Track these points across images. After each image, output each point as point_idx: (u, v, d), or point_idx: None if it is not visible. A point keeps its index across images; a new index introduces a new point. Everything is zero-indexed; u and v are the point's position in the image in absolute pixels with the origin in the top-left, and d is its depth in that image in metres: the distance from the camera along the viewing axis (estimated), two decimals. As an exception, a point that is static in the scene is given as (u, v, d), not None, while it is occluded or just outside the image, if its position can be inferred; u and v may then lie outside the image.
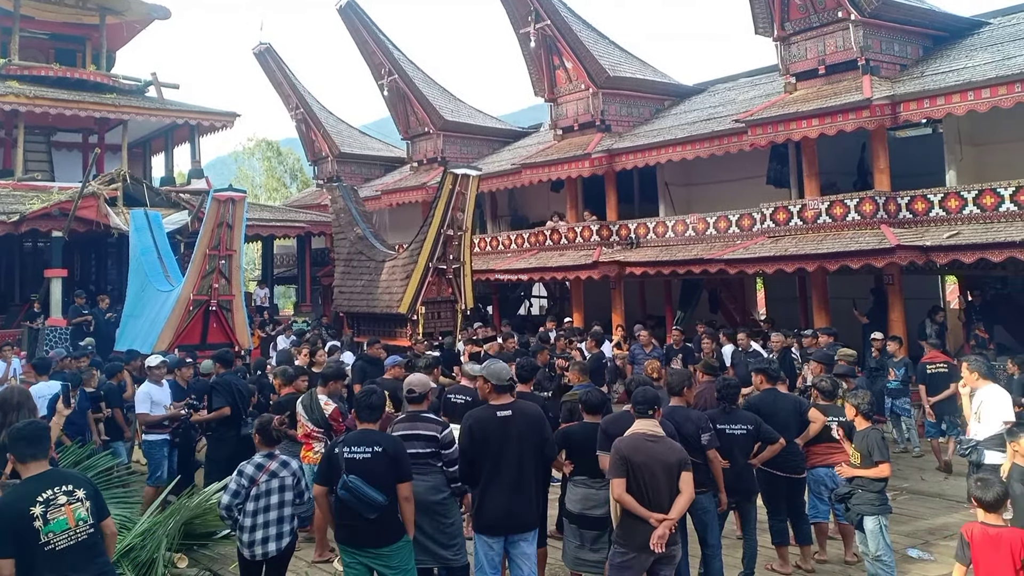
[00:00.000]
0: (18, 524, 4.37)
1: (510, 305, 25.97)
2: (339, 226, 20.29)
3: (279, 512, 6.14)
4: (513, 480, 5.96)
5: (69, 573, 4.46)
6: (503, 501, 5.93)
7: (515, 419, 6.04)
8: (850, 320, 15.79)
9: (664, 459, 5.64)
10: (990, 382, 8.34)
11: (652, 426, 5.84)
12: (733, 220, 16.79)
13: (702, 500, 6.82)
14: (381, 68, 24.90)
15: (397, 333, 16.59)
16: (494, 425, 6.01)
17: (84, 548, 4.56)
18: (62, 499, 4.50)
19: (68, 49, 25.26)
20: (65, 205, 19.18)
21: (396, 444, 5.90)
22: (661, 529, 5.47)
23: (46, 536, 4.40)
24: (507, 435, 5.99)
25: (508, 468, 5.95)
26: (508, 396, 6.19)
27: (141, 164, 26.93)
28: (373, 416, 5.96)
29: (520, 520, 6.02)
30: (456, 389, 8.81)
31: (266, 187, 55.73)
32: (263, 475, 6.15)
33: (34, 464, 4.61)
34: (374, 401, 5.99)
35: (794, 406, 7.85)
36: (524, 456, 6.02)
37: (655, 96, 21.18)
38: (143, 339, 14.21)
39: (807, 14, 15.58)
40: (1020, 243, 12.11)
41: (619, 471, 5.64)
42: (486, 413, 6.12)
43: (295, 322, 22.98)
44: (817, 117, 14.74)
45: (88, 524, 4.59)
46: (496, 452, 5.96)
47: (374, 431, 5.93)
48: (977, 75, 13.40)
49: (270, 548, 6.06)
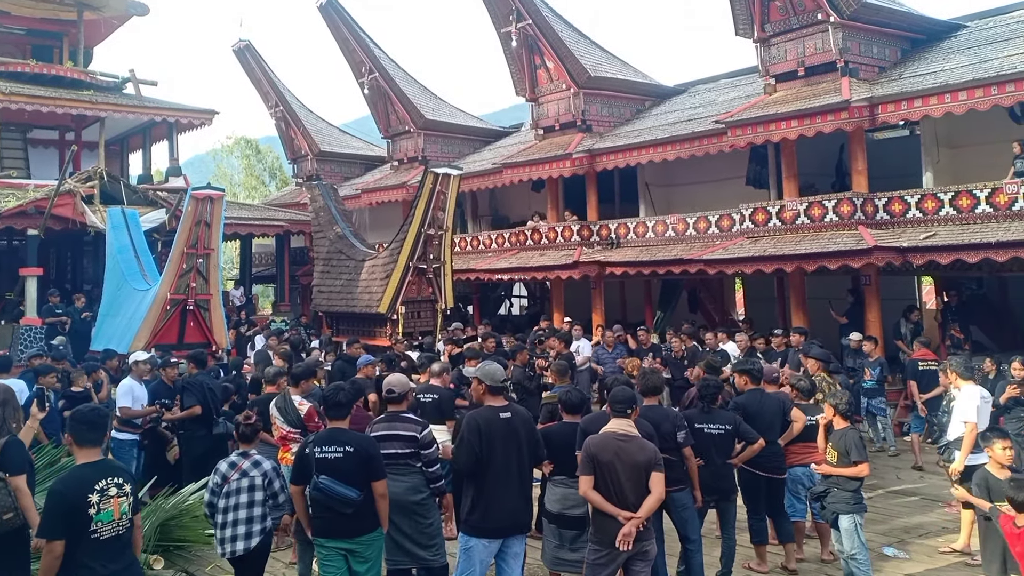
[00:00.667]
0: (76, 508, 4.49)
1: (491, 305, 25.95)
2: (318, 225, 20.19)
3: (248, 512, 6.13)
4: (516, 483, 5.97)
5: (106, 563, 4.58)
6: (508, 504, 5.93)
7: (514, 421, 6.04)
8: (827, 319, 15.90)
9: (633, 458, 5.66)
10: (969, 382, 8.42)
11: (626, 425, 5.85)
12: (713, 220, 16.86)
13: (681, 497, 6.86)
14: (362, 66, 24.81)
15: (377, 333, 16.54)
16: (498, 427, 5.98)
17: (121, 541, 4.70)
18: (113, 491, 4.63)
19: (45, 45, 24.96)
20: (41, 203, 18.96)
21: (368, 444, 5.88)
22: (627, 527, 5.50)
23: (95, 524, 4.52)
24: (509, 438, 5.98)
25: (511, 471, 5.95)
26: (503, 398, 6.17)
27: (118, 162, 26.66)
28: (340, 413, 5.94)
29: (520, 521, 6.06)
30: (424, 388, 8.78)
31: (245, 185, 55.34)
32: (235, 473, 6.18)
33: (91, 450, 4.75)
34: (341, 399, 5.96)
35: (779, 406, 7.89)
36: (523, 459, 6.04)
37: (636, 97, 21.23)
38: (120, 338, 14.08)
39: (787, 16, 15.67)
40: (995, 244, 12.23)
41: (586, 468, 5.70)
42: (490, 414, 6.05)
43: (273, 321, 22.84)
44: (796, 119, 14.83)
45: (128, 519, 4.73)
46: (500, 454, 5.93)
47: (345, 430, 5.91)
48: (954, 78, 13.53)
49: (238, 547, 6.07)
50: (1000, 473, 6.53)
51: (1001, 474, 6.51)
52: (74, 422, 4.84)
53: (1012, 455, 6.65)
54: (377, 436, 6.20)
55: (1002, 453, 6.61)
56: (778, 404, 7.92)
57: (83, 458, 4.73)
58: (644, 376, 7.23)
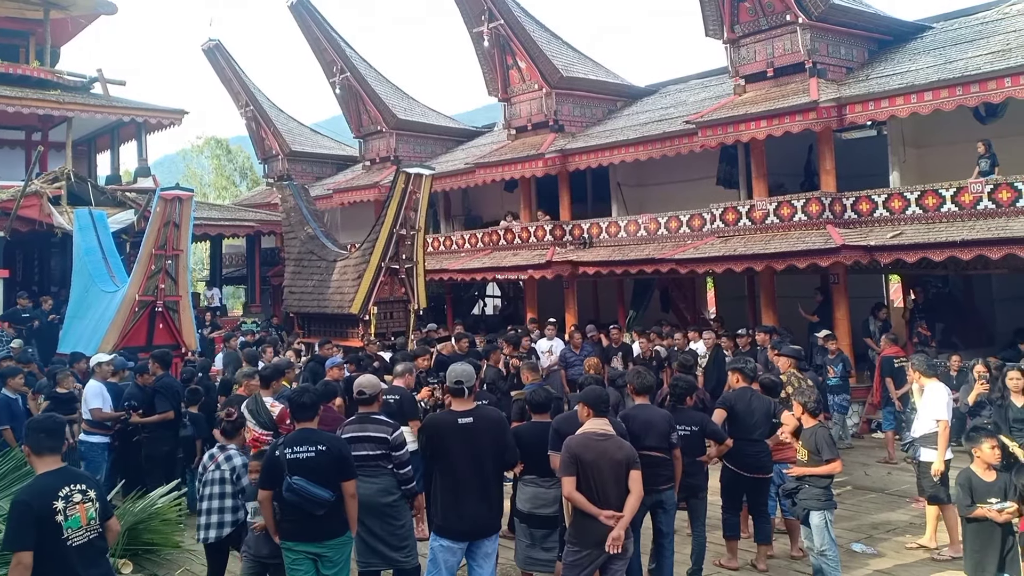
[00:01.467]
0: (42, 518, 4.45)
1: (464, 305, 25.93)
2: (289, 225, 20.08)
3: (220, 502, 6.51)
4: (476, 488, 5.90)
5: (80, 571, 4.55)
6: (468, 510, 5.88)
7: (477, 426, 5.96)
8: (797, 318, 16.05)
9: (613, 457, 5.67)
10: (933, 379, 8.52)
11: (603, 425, 5.87)
12: (684, 220, 16.95)
13: (671, 495, 6.88)
14: (333, 66, 24.70)
15: (349, 333, 16.49)
16: (453, 432, 5.93)
17: (95, 547, 4.70)
18: (77, 497, 4.61)
19: (10, 44, 24.56)
20: (7, 204, 18.71)
21: (339, 443, 5.86)
22: (616, 531, 5.50)
23: (66, 531, 4.51)
24: (468, 443, 5.91)
25: (471, 476, 5.89)
26: (469, 402, 6.11)
27: (86, 162, 26.35)
28: (307, 415, 5.90)
29: (482, 526, 5.99)
30: (387, 389, 8.74)
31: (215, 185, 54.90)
32: (211, 464, 6.60)
33: (50, 458, 4.71)
34: (306, 400, 5.93)
35: (767, 407, 7.87)
36: (486, 463, 5.97)
37: (608, 97, 21.30)
38: (87, 340, 13.90)
39: (756, 17, 15.79)
40: (961, 243, 12.39)
41: (569, 469, 5.67)
42: (446, 419, 6.04)
43: (244, 323, 22.69)
44: (765, 119, 14.94)
45: (97, 524, 4.70)
46: (457, 460, 5.89)
47: (315, 430, 5.88)
48: (920, 78, 13.69)
49: (211, 534, 6.51)
50: (986, 474, 6.29)
51: (987, 475, 6.28)
52: (31, 431, 4.77)
53: (999, 454, 6.37)
54: (348, 438, 6.16)
55: (990, 452, 6.31)
56: (767, 405, 7.91)
57: (43, 467, 4.68)
58: (637, 376, 7.22)
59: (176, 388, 10.14)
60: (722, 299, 21.87)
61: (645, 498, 6.07)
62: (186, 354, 13.89)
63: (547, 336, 15.25)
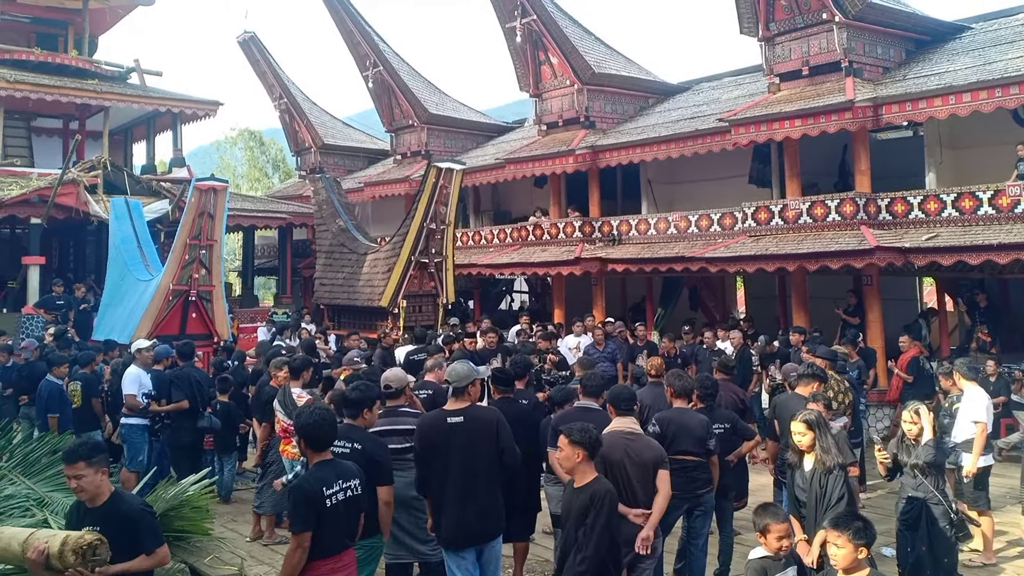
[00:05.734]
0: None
1: (491, 300, 25.97)
2: (321, 218, 20.21)
3: None
4: (463, 491, 5.74)
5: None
6: (455, 513, 5.74)
7: (467, 427, 5.81)
8: (828, 319, 15.91)
9: (641, 457, 5.66)
10: (973, 383, 8.37)
11: (630, 424, 5.86)
12: (715, 219, 16.85)
13: (710, 499, 6.83)
14: (366, 59, 24.79)
15: (378, 326, 16.56)
16: (443, 432, 5.82)
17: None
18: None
19: (50, 33, 24.96)
20: (44, 192, 19.00)
21: (376, 445, 5.79)
22: (646, 531, 5.49)
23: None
24: (456, 443, 5.77)
25: (457, 478, 5.74)
26: (463, 400, 5.98)
27: (122, 151, 26.68)
28: (352, 411, 5.91)
29: (474, 531, 5.83)
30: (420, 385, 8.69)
31: (248, 177, 55.34)
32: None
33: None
34: (353, 396, 5.94)
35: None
36: (476, 466, 5.79)
37: (640, 93, 21.21)
38: (121, 328, 14.10)
39: (792, 15, 15.64)
40: (998, 246, 12.23)
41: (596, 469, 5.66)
42: (436, 419, 5.94)
43: (275, 313, 22.91)
44: (800, 118, 14.81)
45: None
46: (444, 461, 5.76)
47: (357, 427, 5.86)
48: (959, 79, 13.50)
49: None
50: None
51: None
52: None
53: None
54: (376, 431, 6.20)
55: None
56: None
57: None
58: (677, 378, 7.18)
59: (192, 378, 10.18)
60: (752, 299, 21.73)
61: (681, 501, 6.04)
62: (219, 343, 14.04)
63: (575, 333, 15.16)
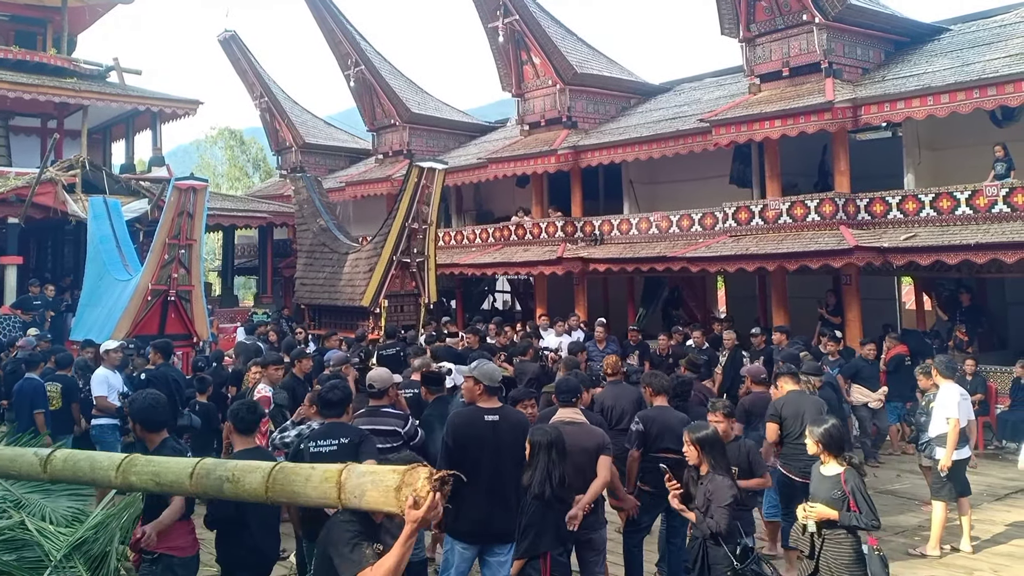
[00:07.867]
0: None
1: (474, 300, 25.95)
2: (302, 217, 20.15)
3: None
4: (491, 488, 5.76)
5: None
6: (480, 509, 5.71)
7: (501, 426, 5.85)
8: (808, 318, 16.01)
9: (582, 444, 5.86)
10: (949, 380, 8.48)
11: (573, 413, 6.11)
12: (696, 219, 16.92)
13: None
14: (348, 58, 24.72)
15: (359, 326, 16.52)
16: (480, 428, 5.83)
17: None
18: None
19: (28, 32, 24.69)
20: (22, 191, 18.79)
21: (363, 437, 5.81)
22: (574, 510, 5.67)
23: None
24: (491, 441, 5.80)
25: (488, 475, 5.74)
26: (497, 400, 6.00)
27: (101, 151, 26.44)
28: (335, 411, 5.88)
29: (496, 529, 5.81)
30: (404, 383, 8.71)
31: (228, 176, 55.09)
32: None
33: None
34: (332, 397, 5.90)
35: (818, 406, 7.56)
36: (505, 465, 5.82)
37: (622, 94, 21.26)
38: (100, 328, 13.99)
39: (772, 16, 15.74)
40: (975, 246, 12.36)
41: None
42: (474, 415, 5.91)
43: (255, 313, 22.79)
44: (780, 118, 14.90)
45: None
46: (477, 457, 5.76)
47: (343, 424, 5.85)
48: (937, 80, 13.63)
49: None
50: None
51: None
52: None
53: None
54: (358, 431, 6.19)
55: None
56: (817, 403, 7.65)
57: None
58: (653, 377, 7.29)
59: (170, 378, 10.06)
60: (733, 298, 21.83)
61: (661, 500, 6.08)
62: (198, 343, 13.95)
63: (555, 332, 15.16)
